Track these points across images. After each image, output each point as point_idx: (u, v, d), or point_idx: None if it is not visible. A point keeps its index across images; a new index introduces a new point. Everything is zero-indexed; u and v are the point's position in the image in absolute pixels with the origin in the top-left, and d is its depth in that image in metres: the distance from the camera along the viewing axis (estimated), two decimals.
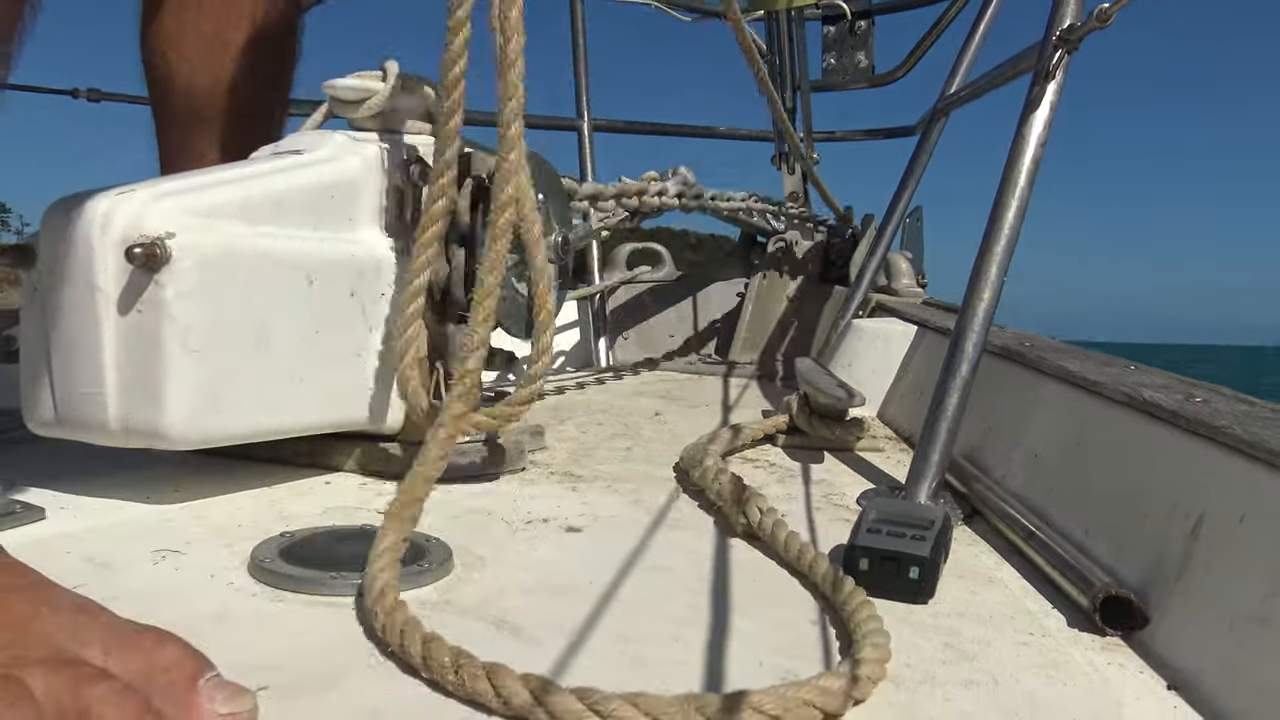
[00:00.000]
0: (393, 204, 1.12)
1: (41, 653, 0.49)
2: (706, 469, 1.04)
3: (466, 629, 0.67)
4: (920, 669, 0.64)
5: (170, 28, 1.35)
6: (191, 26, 1.34)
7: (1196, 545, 0.70)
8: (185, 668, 0.50)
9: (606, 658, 0.63)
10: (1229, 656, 0.62)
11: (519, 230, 1.23)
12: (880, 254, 2.11)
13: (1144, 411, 0.85)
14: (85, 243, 0.88)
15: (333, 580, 0.72)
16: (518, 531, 0.91)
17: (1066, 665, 0.66)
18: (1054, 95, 1.13)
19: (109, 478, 1.01)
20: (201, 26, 1.34)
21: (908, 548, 0.77)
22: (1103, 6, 1.05)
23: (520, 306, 1.25)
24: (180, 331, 0.88)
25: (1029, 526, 0.90)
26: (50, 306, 0.91)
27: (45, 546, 0.80)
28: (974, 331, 1.04)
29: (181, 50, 1.35)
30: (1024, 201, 1.10)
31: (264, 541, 0.80)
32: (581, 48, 2.82)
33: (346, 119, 1.20)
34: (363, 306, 1.06)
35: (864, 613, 0.68)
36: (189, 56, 1.35)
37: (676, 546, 0.88)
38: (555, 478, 1.14)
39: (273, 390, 0.97)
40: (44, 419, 0.95)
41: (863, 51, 2.89)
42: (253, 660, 0.60)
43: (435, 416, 0.90)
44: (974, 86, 1.89)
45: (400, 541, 0.73)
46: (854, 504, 1.06)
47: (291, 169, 1.04)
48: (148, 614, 0.55)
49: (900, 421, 1.56)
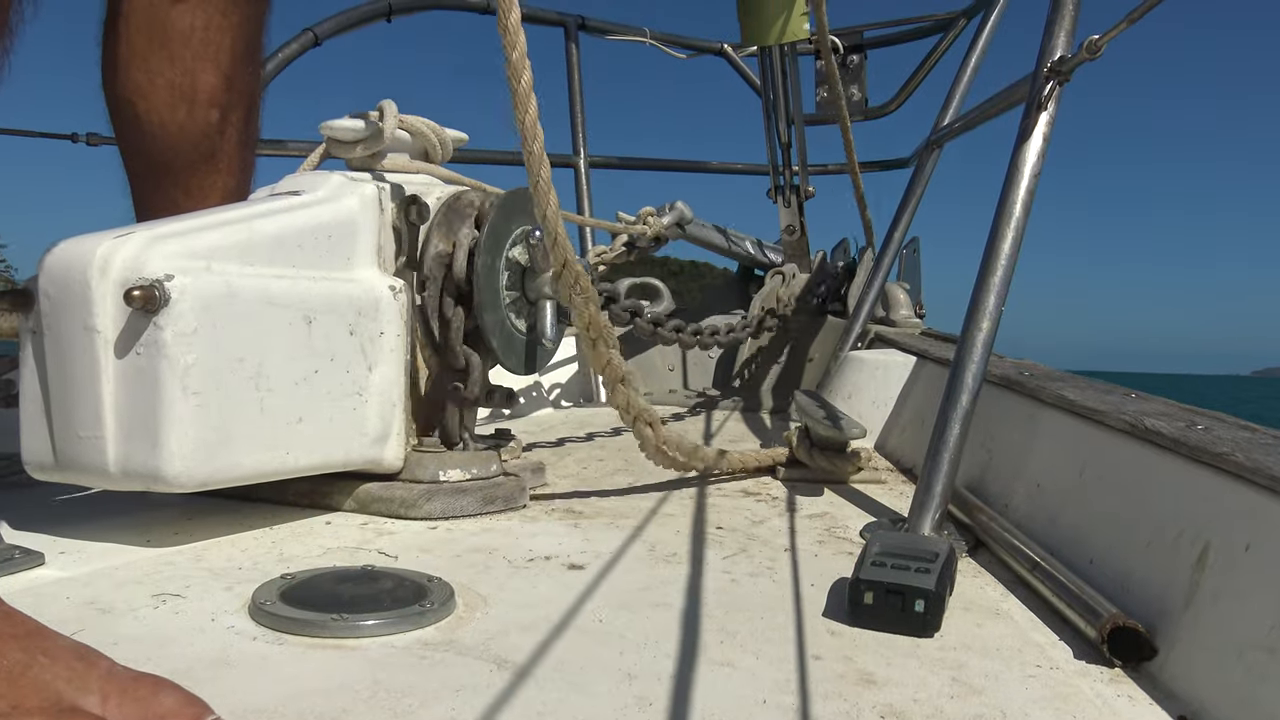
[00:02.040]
0: (390, 242, 1.13)
1: (39, 701, 0.48)
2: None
3: (468, 669, 0.66)
4: (928, 703, 0.63)
5: (139, 79, 1.33)
6: (160, 77, 1.32)
7: (1203, 575, 0.70)
8: (184, 714, 0.50)
9: (609, 696, 0.62)
10: (1238, 686, 0.61)
11: (525, 266, 1.23)
12: (878, 285, 2.12)
13: (1146, 440, 0.85)
14: (84, 285, 0.88)
15: (334, 622, 0.72)
16: (519, 570, 0.90)
17: (1075, 698, 0.65)
18: (1046, 126, 1.14)
19: (108, 521, 1.00)
20: (170, 77, 1.32)
21: (913, 581, 0.77)
22: (1093, 38, 1.06)
23: (519, 343, 1.25)
24: (179, 373, 0.88)
25: (1034, 557, 0.89)
26: (49, 350, 0.91)
27: (44, 592, 0.79)
28: (973, 361, 1.04)
29: (150, 100, 1.33)
30: (1020, 231, 1.10)
31: (265, 584, 0.79)
32: (577, 85, 2.84)
33: (344, 159, 1.21)
34: (362, 345, 1.06)
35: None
36: (158, 107, 1.33)
37: (678, 583, 0.88)
38: (557, 514, 1.14)
39: (272, 431, 0.97)
40: (43, 463, 0.94)
41: (856, 85, 2.92)
42: (253, 704, 0.59)
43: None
44: (967, 118, 1.91)
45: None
46: (857, 537, 1.06)
47: (289, 210, 1.04)
48: (148, 658, 0.55)
49: (901, 453, 1.55)
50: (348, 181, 1.11)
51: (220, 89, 1.35)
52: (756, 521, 1.12)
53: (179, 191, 1.35)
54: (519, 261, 1.22)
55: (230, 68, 1.36)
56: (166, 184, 1.36)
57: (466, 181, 1.28)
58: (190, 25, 1.32)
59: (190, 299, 0.89)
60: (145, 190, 1.38)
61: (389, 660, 0.67)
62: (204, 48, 1.34)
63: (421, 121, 1.24)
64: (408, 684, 0.63)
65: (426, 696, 0.61)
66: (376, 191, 1.11)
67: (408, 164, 1.23)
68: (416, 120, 1.23)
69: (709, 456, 1.28)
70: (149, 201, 1.38)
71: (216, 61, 1.35)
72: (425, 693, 0.62)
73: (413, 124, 1.23)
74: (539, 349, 1.28)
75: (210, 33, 1.33)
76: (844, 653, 0.72)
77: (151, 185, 1.37)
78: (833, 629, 0.77)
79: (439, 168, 1.27)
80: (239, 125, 1.39)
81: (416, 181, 1.20)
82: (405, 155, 1.24)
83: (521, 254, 1.22)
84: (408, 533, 1.03)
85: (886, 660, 0.71)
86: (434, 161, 1.27)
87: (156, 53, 1.33)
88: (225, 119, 1.37)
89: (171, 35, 1.31)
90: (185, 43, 1.33)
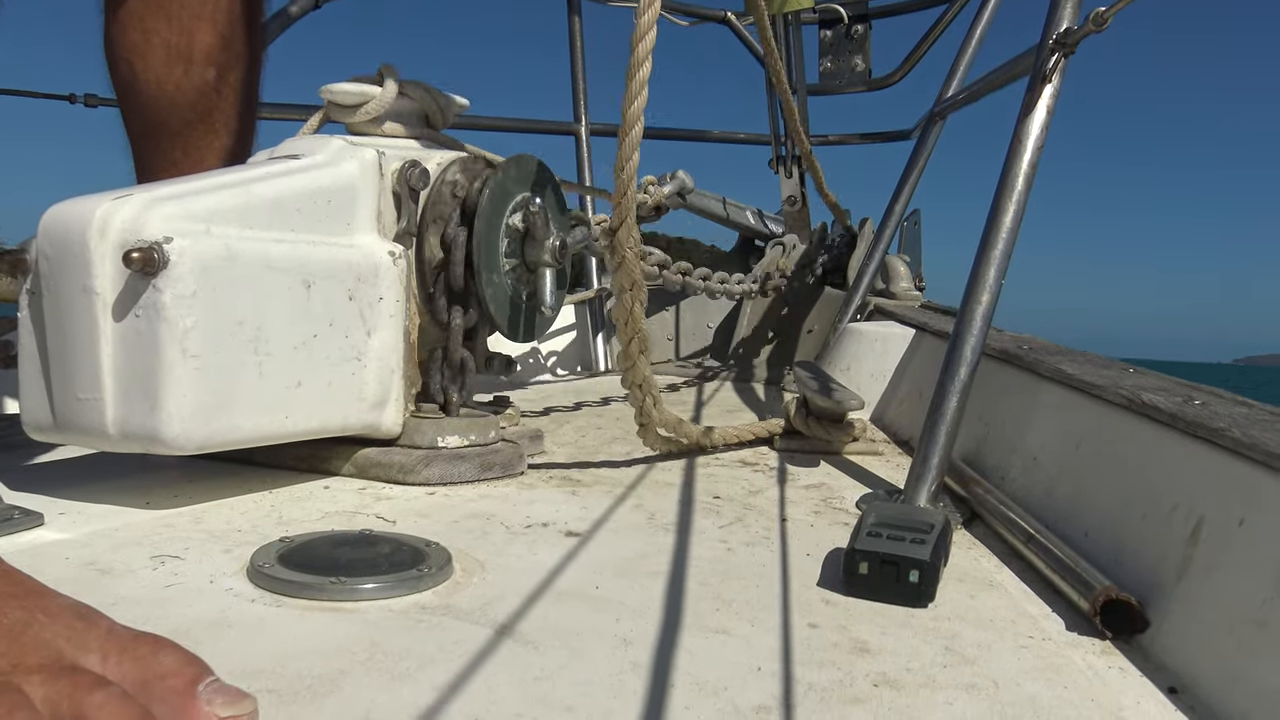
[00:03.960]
0: (390, 208, 1.12)
1: (39, 660, 0.49)
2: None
3: (465, 633, 0.67)
4: (921, 673, 0.64)
5: (135, 38, 1.33)
6: (157, 36, 1.32)
7: (1196, 548, 0.70)
8: (183, 673, 0.50)
9: (605, 662, 0.63)
10: (1229, 660, 0.62)
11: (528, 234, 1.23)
12: (878, 257, 2.11)
13: (1143, 414, 0.85)
14: (82, 247, 0.88)
15: (331, 585, 0.72)
16: (517, 536, 0.91)
17: (1067, 669, 0.66)
18: (1050, 99, 1.13)
19: (107, 483, 1.01)
20: (167, 36, 1.32)
21: (908, 551, 0.77)
22: (1099, 10, 1.05)
23: (519, 310, 1.25)
24: (178, 336, 0.88)
25: (1028, 530, 0.90)
26: (48, 312, 0.91)
27: (44, 552, 0.80)
28: (972, 335, 1.04)
29: (147, 59, 1.33)
30: (1021, 204, 1.10)
31: (263, 546, 0.79)
32: (579, 52, 2.82)
33: (344, 124, 1.21)
34: (360, 311, 1.06)
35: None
36: (154, 65, 1.33)
37: (676, 550, 0.88)
38: (555, 482, 1.14)
39: (271, 394, 0.97)
40: (42, 424, 0.94)
41: (860, 55, 2.90)
42: (251, 665, 0.60)
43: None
44: (971, 90, 1.89)
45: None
46: (853, 508, 1.06)
47: (289, 174, 1.04)
48: (147, 619, 0.55)
49: (898, 425, 1.56)
50: (348, 146, 1.10)
51: (217, 48, 1.35)
52: (753, 491, 1.12)
53: (178, 151, 1.35)
54: (518, 229, 1.22)
55: (228, 28, 1.35)
56: (165, 143, 1.36)
57: (468, 148, 1.27)
58: None
59: (189, 261, 0.89)
60: (145, 150, 1.38)
61: (386, 623, 0.68)
62: (201, 7, 1.33)
63: (423, 87, 1.23)
64: (405, 647, 0.64)
65: (423, 659, 0.62)
66: (376, 157, 1.10)
67: (408, 129, 1.22)
68: (417, 86, 1.22)
69: (694, 433, 1.28)
70: (149, 161, 1.38)
71: (214, 21, 1.34)
72: (422, 655, 0.62)
73: (414, 89, 1.22)
74: (538, 316, 1.28)
75: None
76: (838, 622, 0.72)
77: (151, 144, 1.37)
78: (828, 598, 0.77)
79: (440, 134, 1.26)
80: (236, 86, 1.38)
81: (417, 147, 1.19)
82: (406, 121, 1.23)
83: (521, 221, 1.22)
84: (406, 498, 1.03)
85: (881, 630, 0.71)
86: (435, 127, 1.26)
87: (154, 13, 1.33)
88: (222, 79, 1.37)
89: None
90: (183, 3, 1.32)
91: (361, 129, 1.19)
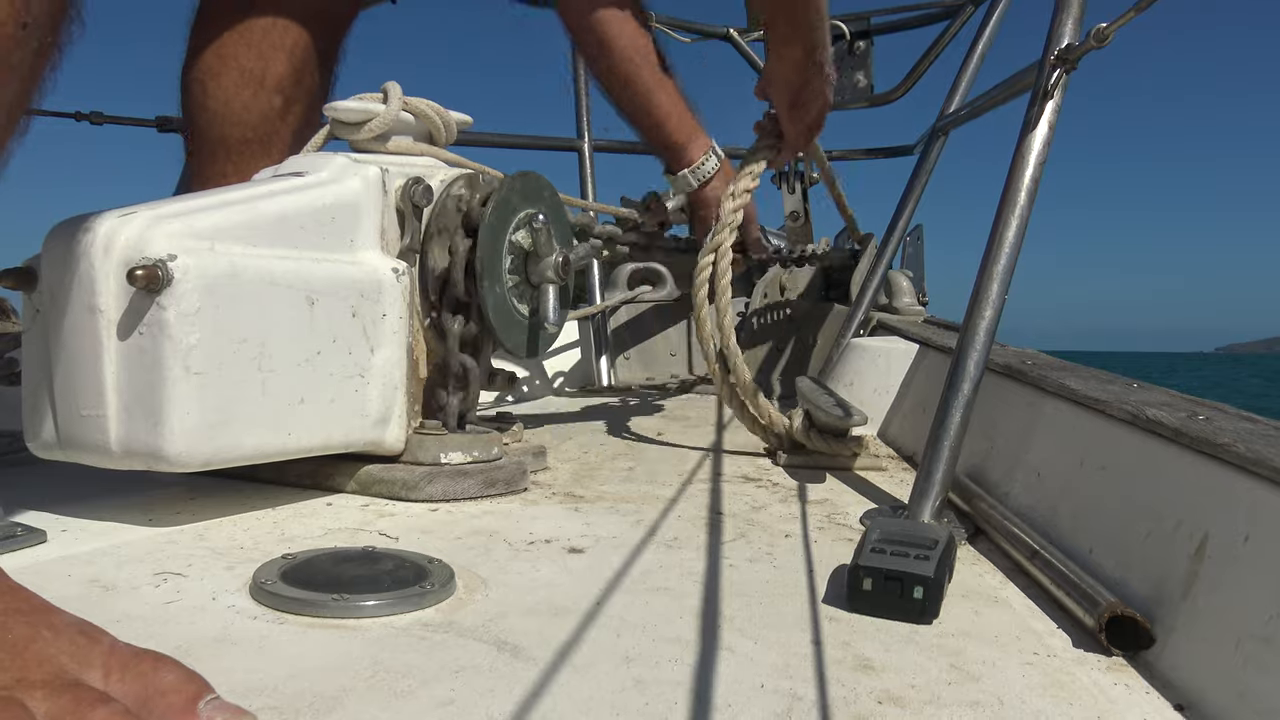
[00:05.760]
0: (393, 225, 1.12)
1: (42, 675, 0.49)
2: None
3: (468, 650, 0.66)
4: (925, 690, 0.64)
5: (211, 61, 1.40)
6: (233, 61, 1.39)
7: (1202, 564, 0.70)
8: (184, 691, 0.50)
9: (608, 679, 0.63)
10: (1236, 677, 0.62)
11: (531, 250, 1.23)
12: (881, 272, 2.11)
13: (1147, 430, 0.85)
14: (87, 265, 0.88)
15: (334, 603, 0.72)
16: (520, 552, 0.91)
17: (1072, 686, 0.66)
18: (1052, 114, 1.13)
19: (111, 500, 1.01)
20: (244, 61, 1.39)
21: (912, 567, 0.77)
22: (1100, 26, 1.05)
23: (521, 326, 1.25)
24: (182, 353, 0.88)
25: (1033, 545, 0.89)
26: (52, 329, 0.91)
27: (47, 569, 0.80)
28: (975, 350, 1.04)
29: (220, 80, 1.40)
30: (1024, 219, 1.10)
31: (266, 564, 0.79)
32: (581, 69, 2.83)
33: (348, 141, 1.21)
34: (364, 327, 1.06)
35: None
36: (225, 86, 1.40)
37: (679, 567, 0.88)
38: (557, 498, 1.14)
39: (275, 411, 0.97)
40: (45, 441, 0.94)
41: (862, 71, 2.91)
42: (253, 682, 0.59)
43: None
44: (973, 106, 1.90)
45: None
46: (857, 523, 1.06)
47: (293, 191, 1.04)
48: (149, 637, 0.55)
49: (902, 440, 1.56)
50: (351, 163, 1.11)
51: (289, 80, 1.41)
52: (757, 507, 1.12)
53: (229, 164, 1.40)
54: (522, 245, 1.22)
55: (303, 63, 1.42)
56: (220, 155, 1.41)
57: (471, 165, 1.28)
58: (271, 21, 1.38)
59: (193, 279, 0.89)
60: (198, 164, 1.44)
61: (389, 641, 0.68)
62: (282, 38, 1.40)
63: (426, 104, 1.24)
64: (408, 664, 0.64)
65: (426, 677, 0.62)
66: (380, 174, 1.11)
67: (412, 146, 1.23)
68: (421, 103, 1.23)
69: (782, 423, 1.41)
70: (198, 172, 1.43)
71: (291, 54, 1.41)
72: (425, 673, 0.62)
73: (417, 106, 1.22)
74: (541, 332, 1.28)
75: (290, 27, 1.39)
76: (842, 638, 0.72)
77: (206, 158, 1.43)
78: (831, 615, 0.77)
79: (443, 150, 1.27)
80: (300, 116, 1.44)
81: (420, 164, 1.19)
82: (409, 138, 1.23)
83: (525, 238, 1.22)
84: (408, 514, 1.03)
85: (885, 646, 0.71)
86: (438, 144, 1.27)
87: (235, 40, 1.40)
88: (288, 108, 1.43)
89: (252, 28, 1.38)
90: (265, 34, 1.39)
91: (365, 146, 1.20)
